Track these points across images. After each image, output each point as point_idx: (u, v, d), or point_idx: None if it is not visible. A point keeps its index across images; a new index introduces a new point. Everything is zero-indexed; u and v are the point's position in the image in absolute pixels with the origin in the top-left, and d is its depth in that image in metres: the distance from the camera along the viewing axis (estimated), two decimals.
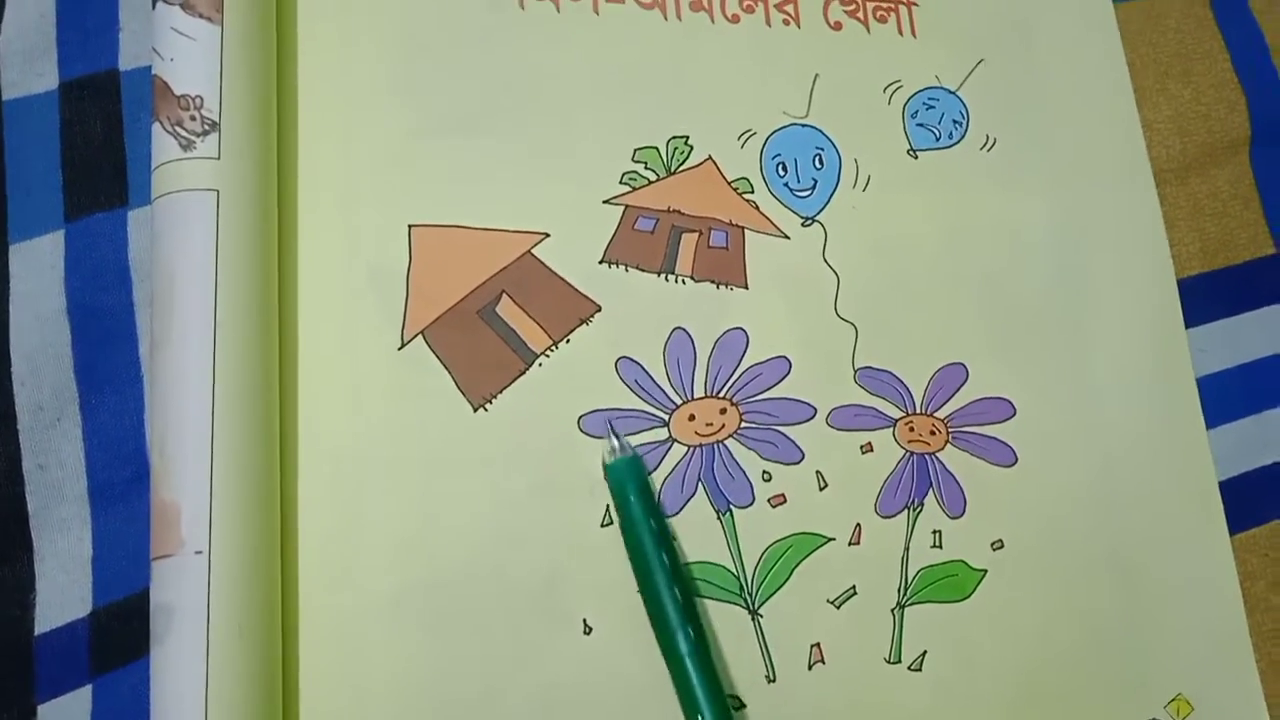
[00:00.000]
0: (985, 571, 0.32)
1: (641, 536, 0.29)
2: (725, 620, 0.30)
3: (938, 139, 0.35)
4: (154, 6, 0.28)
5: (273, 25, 0.30)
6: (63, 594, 0.28)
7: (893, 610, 0.31)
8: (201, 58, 0.28)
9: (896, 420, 0.32)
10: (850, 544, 0.31)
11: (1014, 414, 0.33)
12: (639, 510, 0.29)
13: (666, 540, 0.29)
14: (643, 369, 0.31)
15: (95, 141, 0.30)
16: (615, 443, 0.30)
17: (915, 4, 0.36)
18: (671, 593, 0.28)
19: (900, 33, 0.35)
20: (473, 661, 0.28)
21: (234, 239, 0.27)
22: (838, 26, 0.35)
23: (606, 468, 0.30)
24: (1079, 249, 0.35)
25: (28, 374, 0.29)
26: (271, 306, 0.28)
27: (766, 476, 0.31)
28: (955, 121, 0.35)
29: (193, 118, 0.28)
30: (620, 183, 0.32)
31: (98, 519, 0.29)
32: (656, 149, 0.33)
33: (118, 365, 0.30)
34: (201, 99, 0.28)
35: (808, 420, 0.32)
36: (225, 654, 0.25)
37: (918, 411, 0.33)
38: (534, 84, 0.32)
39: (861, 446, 0.32)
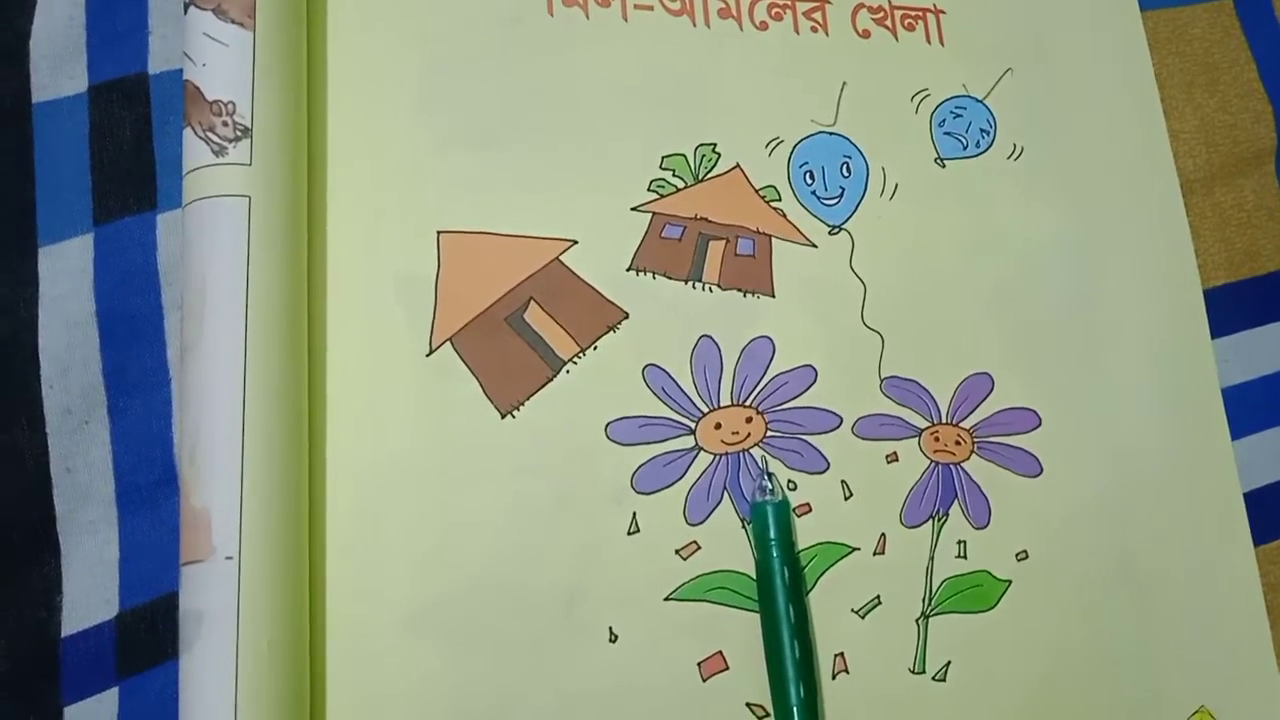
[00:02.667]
0: (1010, 582, 0.32)
1: (774, 583, 0.29)
2: (750, 629, 0.30)
3: (965, 148, 0.35)
4: (185, 11, 0.28)
5: (303, 32, 0.30)
6: (89, 596, 0.28)
7: (917, 620, 0.31)
8: (234, 63, 0.28)
9: (922, 430, 0.32)
10: (875, 554, 0.31)
11: (1039, 424, 0.33)
12: (776, 558, 0.29)
13: (798, 591, 0.30)
14: (670, 376, 0.31)
15: (124, 145, 0.31)
16: (767, 483, 0.30)
17: (943, 12, 0.36)
18: (792, 645, 0.29)
19: (928, 41, 0.35)
20: (499, 668, 0.28)
21: (265, 245, 0.27)
22: (866, 34, 0.35)
23: (752, 507, 0.30)
24: (1105, 259, 0.35)
25: (56, 377, 0.29)
26: (301, 313, 0.28)
27: (792, 485, 0.31)
28: (983, 130, 0.35)
29: (225, 123, 0.28)
30: (648, 190, 0.32)
31: (125, 522, 0.29)
32: (684, 156, 0.33)
33: (146, 368, 0.30)
34: (234, 105, 0.28)
35: (833, 429, 0.32)
36: (255, 660, 0.25)
37: (943, 421, 0.33)
38: (563, 91, 0.32)
39: (887, 456, 0.32)
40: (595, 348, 0.31)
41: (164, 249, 0.30)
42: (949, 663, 0.31)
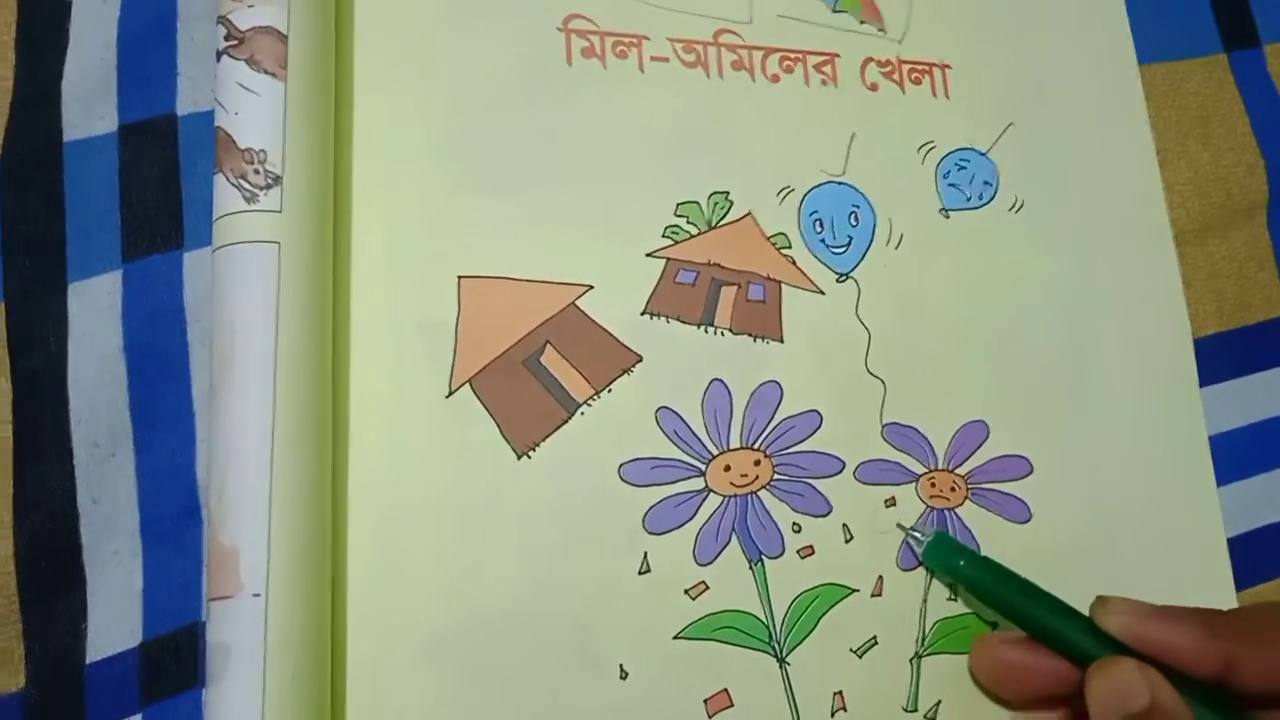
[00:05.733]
0: (996, 624, 0.33)
1: (1005, 582, 0.31)
2: (754, 668, 0.31)
3: (968, 199, 0.36)
4: (219, 60, 0.29)
5: (331, 82, 0.31)
6: (114, 625, 0.29)
7: (910, 660, 0.32)
8: (265, 113, 0.29)
9: (919, 476, 0.33)
10: (873, 595, 0.32)
11: (1030, 472, 0.34)
12: (983, 566, 0.31)
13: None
14: (681, 419, 0.32)
15: (152, 184, 0.31)
16: (918, 534, 0.32)
17: (949, 67, 0.37)
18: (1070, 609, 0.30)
19: (934, 94, 0.36)
20: (513, 704, 0.29)
21: (294, 290, 0.28)
22: (874, 87, 0.36)
23: (924, 555, 0.32)
24: (1100, 309, 0.36)
25: (85, 411, 0.30)
26: (327, 356, 0.29)
27: (796, 528, 0.32)
28: (986, 182, 0.36)
29: (256, 171, 0.28)
30: (662, 236, 0.33)
31: (149, 553, 0.30)
32: (698, 204, 0.34)
33: (171, 403, 0.30)
34: (265, 153, 0.28)
35: (836, 474, 0.33)
36: (280, 695, 0.26)
37: (940, 467, 0.34)
38: (580, 139, 0.33)
39: (886, 500, 0.33)
40: (609, 390, 0.32)
41: (190, 287, 0.31)
42: (939, 702, 0.32)
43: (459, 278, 0.31)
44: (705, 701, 0.30)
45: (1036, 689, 0.30)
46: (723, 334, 0.33)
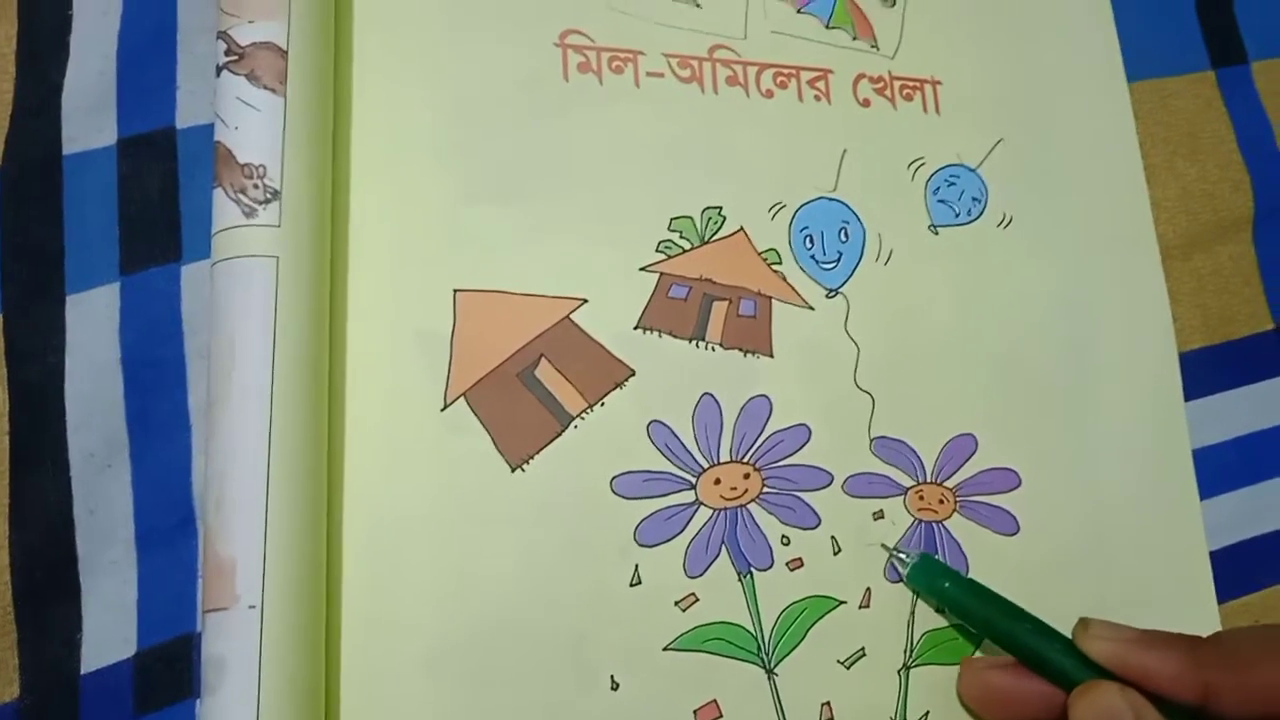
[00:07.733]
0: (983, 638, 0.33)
1: (990, 604, 0.31)
2: (743, 679, 0.31)
3: (957, 215, 0.36)
4: (219, 74, 0.29)
5: (330, 98, 0.31)
6: (109, 635, 0.29)
7: (899, 671, 0.33)
8: (265, 128, 0.29)
9: (908, 489, 0.34)
10: (861, 607, 0.33)
11: (1019, 485, 0.35)
12: (967, 588, 0.32)
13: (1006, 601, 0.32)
14: (673, 433, 0.32)
15: (151, 197, 0.32)
16: (903, 555, 0.33)
17: (940, 83, 0.37)
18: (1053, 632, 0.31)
19: (925, 111, 0.37)
20: (506, 716, 0.30)
21: (291, 304, 0.28)
22: (866, 104, 0.36)
23: (909, 578, 0.33)
24: (1087, 324, 0.37)
25: (81, 421, 0.30)
26: (324, 369, 0.29)
27: (785, 540, 0.33)
28: (975, 199, 0.37)
29: (255, 186, 0.29)
30: (656, 250, 0.34)
31: (144, 563, 0.30)
32: (691, 219, 0.34)
33: (168, 415, 0.31)
34: (264, 168, 0.29)
35: (825, 487, 0.33)
36: (275, 707, 0.26)
37: (928, 480, 0.34)
38: (576, 154, 0.34)
39: (874, 514, 0.33)
40: (602, 404, 0.32)
41: (188, 299, 0.31)
42: (927, 712, 0.32)
43: (455, 291, 0.32)
44: (695, 712, 0.31)
45: (1022, 713, 0.31)
46: (714, 349, 0.33)
